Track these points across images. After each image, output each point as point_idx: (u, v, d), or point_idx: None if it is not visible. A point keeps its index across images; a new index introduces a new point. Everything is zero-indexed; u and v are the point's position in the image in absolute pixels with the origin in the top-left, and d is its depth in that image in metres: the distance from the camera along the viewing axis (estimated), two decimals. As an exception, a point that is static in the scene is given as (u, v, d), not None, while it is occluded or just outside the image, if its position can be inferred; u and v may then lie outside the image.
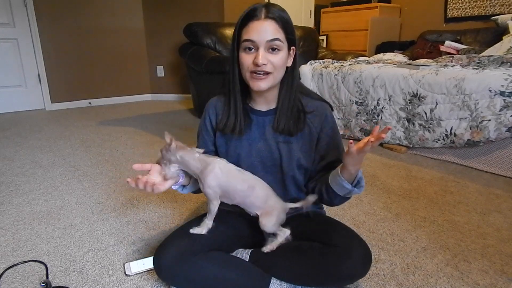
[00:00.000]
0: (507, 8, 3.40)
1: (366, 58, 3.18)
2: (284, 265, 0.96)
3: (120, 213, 1.49)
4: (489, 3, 3.51)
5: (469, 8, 3.66)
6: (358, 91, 2.44)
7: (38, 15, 3.51)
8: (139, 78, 4.33)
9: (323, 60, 2.96)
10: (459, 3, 3.72)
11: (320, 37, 4.39)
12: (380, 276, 1.07)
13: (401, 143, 2.29)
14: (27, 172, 1.95)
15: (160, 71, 4.34)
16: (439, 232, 1.33)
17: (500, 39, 2.94)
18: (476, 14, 3.61)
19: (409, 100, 2.18)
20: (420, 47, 3.45)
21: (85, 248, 1.23)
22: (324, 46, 4.30)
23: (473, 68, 2.07)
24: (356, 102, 2.47)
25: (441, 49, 3.25)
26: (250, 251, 1.02)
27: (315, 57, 3.66)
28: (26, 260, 1.16)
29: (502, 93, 1.79)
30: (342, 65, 2.62)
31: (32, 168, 2.01)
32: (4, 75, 3.49)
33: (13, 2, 3.38)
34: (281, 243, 0.98)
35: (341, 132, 2.62)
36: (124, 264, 1.13)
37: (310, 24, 4.57)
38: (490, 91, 1.83)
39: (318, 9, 4.56)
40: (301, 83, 1.12)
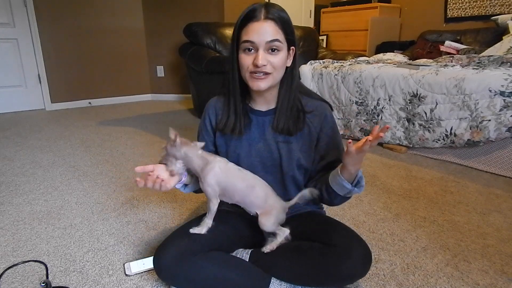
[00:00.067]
0: (507, 8, 3.40)
1: (366, 58, 3.18)
2: (284, 265, 0.96)
3: (120, 213, 1.49)
4: (489, 3, 3.51)
5: (469, 8, 3.65)
6: (358, 91, 2.45)
7: (38, 15, 3.51)
8: (139, 78, 4.33)
9: (323, 60, 2.96)
10: (459, 3, 3.72)
11: (320, 37, 4.39)
12: (380, 276, 1.07)
13: (401, 143, 2.29)
14: (27, 172, 1.95)
15: (160, 71, 4.34)
16: (439, 232, 1.33)
17: (500, 39, 2.94)
18: (476, 14, 3.61)
19: (409, 100, 2.18)
20: (420, 47, 3.45)
21: (85, 248, 1.23)
22: (324, 46, 4.30)
23: (473, 68, 2.07)
24: (356, 102, 2.47)
25: (441, 49, 3.25)
26: (250, 251, 1.02)
27: (315, 57, 3.66)
28: (26, 260, 1.16)
29: (502, 93, 1.79)
30: (342, 65, 2.62)
31: (32, 168, 2.02)
32: (4, 75, 3.50)
33: (13, 2, 3.39)
34: (281, 243, 0.98)
35: (341, 132, 2.62)
36: (124, 264, 1.13)
37: (310, 24, 4.57)
38: (490, 91, 1.83)
39: (318, 9, 4.56)
40: (301, 83, 1.12)
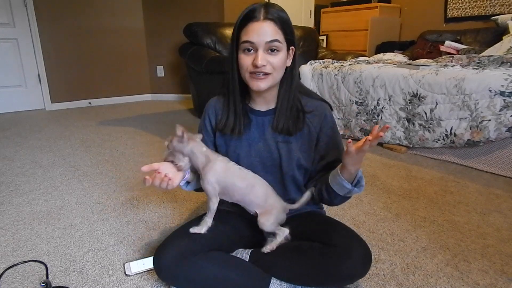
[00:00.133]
0: (507, 8, 3.40)
1: (366, 58, 3.18)
2: (284, 265, 0.96)
3: (120, 213, 1.49)
4: (489, 3, 3.51)
5: (469, 8, 3.65)
6: (358, 91, 2.44)
7: (38, 15, 3.51)
8: (139, 78, 4.33)
9: (323, 60, 2.96)
10: (459, 3, 3.72)
11: (320, 37, 4.39)
12: (380, 276, 1.07)
13: (401, 143, 2.29)
14: (27, 172, 1.95)
15: (160, 71, 4.34)
16: (439, 232, 1.33)
17: (500, 39, 2.94)
18: (476, 14, 3.61)
19: (409, 100, 2.18)
20: (420, 47, 3.45)
21: (85, 248, 1.23)
22: (324, 46, 4.30)
23: (473, 68, 2.07)
24: (356, 102, 2.47)
25: (441, 49, 3.25)
26: (250, 251, 1.02)
27: (315, 57, 3.66)
28: (26, 260, 1.16)
29: (502, 93, 1.79)
30: (342, 65, 2.62)
31: (32, 168, 2.02)
32: (4, 75, 3.50)
33: (13, 2, 3.39)
34: (281, 243, 0.98)
35: (341, 132, 2.62)
36: (124, 264, 1.13)
37: (310, 24, 4.57)
38: (490, 91, 1.83)
39: (318, 9, 4.56)
40: (301, 83, 1.12)
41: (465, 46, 3.22)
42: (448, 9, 3.82)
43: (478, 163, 1.99)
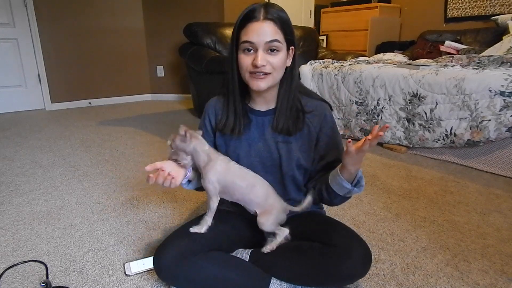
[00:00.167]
0: (507, 8, 3.40)
1: (366, 58, 3.18)
2: (284, 265, 0.96)
3: (120, 213, 1.49)
4: (489, 3, 3.51)
5: (469, 8, 3.65)
6: (358, 91, 2.44)
7: (38, 15, 3.51)
8: (139, 78, 4.33)
9: (323, 60, 2.96)
10: (459, 3, 3.72)
11: (320, 37, 4.39)
12: (380, 276, 1.07)
13: (401, 143, 2.29)
14: (27, 172, 1.95)
15: (160, 71, 4.34)
16: (439, 232, 1.33)
17: (500, 39, 2.94)
18: (476, 14, 3.61)
19: (409, 100, 2.18)
20: (420, 47, 3.45)
21: (85, 248, 1.23)
22: (324, 46, 4.30)
23: (473, 68, 2.07)
24: (356, 102, 2.47)
25: (441, 49, 3.25)
26: (250, 251, 1.02)
27: (315, 57, 3.66)
28: (26, 260, 1.16)
29: (502, 93, 1.79)
30: (342, 65, 2.62)
31: (32, 168, 2.02)
32: (4, 75, 3.50)
33: (13, 2, 3.39)
34: (281, 243, 0.98)
35: (341, 132, 2.62)
36: (124, 264, 1.13)
37: (310, 24, 4.57)
38: (490, 91, 1.83)
39: (318, 9, 4.56)
40: (301, 83, 1.12)
41: (465, 46, 3.23)
42: (448, 9, 3.82)
43: (478, 163, 1.99)
